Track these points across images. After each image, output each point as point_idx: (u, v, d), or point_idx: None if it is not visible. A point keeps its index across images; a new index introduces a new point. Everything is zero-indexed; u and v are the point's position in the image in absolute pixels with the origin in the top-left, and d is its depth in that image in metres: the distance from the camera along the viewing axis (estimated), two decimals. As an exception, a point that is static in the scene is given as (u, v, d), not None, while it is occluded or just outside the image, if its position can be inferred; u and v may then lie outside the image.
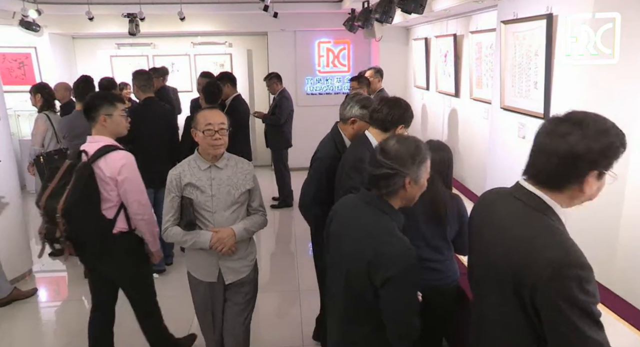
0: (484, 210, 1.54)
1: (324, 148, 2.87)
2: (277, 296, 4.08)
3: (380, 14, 4.46)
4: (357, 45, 7.91)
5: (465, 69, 4.94)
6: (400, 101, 2.52)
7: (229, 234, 2.43)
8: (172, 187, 2.43)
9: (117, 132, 2.69)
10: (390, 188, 1.68)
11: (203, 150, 2.43)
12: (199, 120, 2.37)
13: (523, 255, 1.27)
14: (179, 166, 2.45)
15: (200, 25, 7.45)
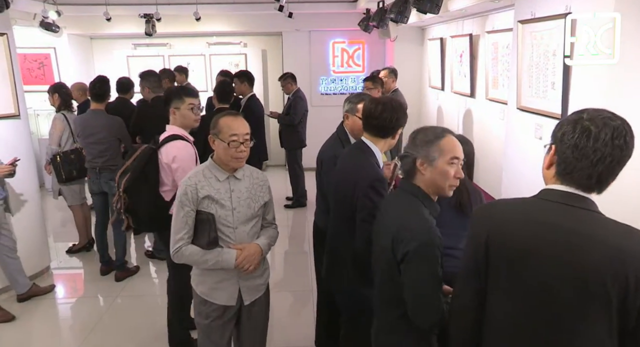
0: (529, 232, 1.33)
1: (328, 146, 2.88)
2: (290, 296, 4.09)
3: (396, 13, 4.44)
4: (372, 46, 7.89)
5: (481, 69, 4.90)
6: (396, 103, 2.35)
7: (255, 250, 2.23)
8: (187, 200, 2.15)
9: (185, 124, 2.98)
10: (405, 168, 1.80)
11: (222, 161, 2.20)
12: (222, 128, 2.15)
13: (616, 261, 1.19)
14: (193, 176, 2.19)
15: (216, 25, 7.50)
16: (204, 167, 2.24)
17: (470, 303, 1.45)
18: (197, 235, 2.19)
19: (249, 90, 5.18)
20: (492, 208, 1.46)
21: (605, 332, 1.21)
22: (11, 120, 4.11)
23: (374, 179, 2.24)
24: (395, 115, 2.28)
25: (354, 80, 7.96)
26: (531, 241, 1.29)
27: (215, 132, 2.17)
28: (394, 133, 2.32)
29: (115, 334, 3.56)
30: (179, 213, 2.17)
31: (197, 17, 6.12)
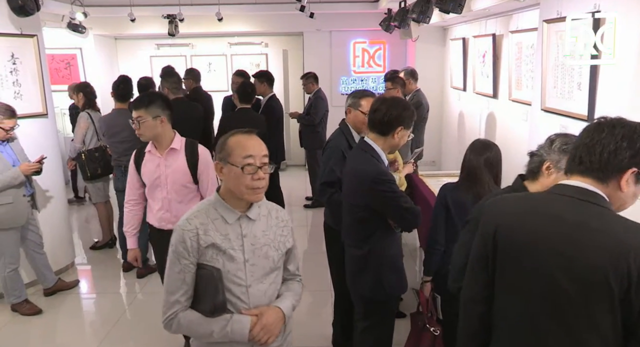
0: (528, 222, 1.35)
1: (334, 139, 2.98)
2: (309, 296, 4.10)
3: (418, 13, 4.41)
4: (393, 46, 7.85)
5: (504, 69, 4.83)
6: (397, 100, 2.37)
7: (276, 317, 1.70)
8: (185, 251, 1.62)
9: None
10: (530, 166, 1.87)
11: (234, 194, 1.67)
12: (233, 149, 1.64)
13: (617, 251, 1.20)
14: (193, 217, 1.65)
15: (237, 25, 7.56)
16: (208, 205, 1.70)
17: (478, 295, 1.47)
18: (198, 297, 1.65)
19: (268, 91, 5.21)
20: (503, 201, 1.48)
21: (609, 326, 1.22)
22: (39, 119, 4.21)
23: (376, 174, 2.26)
24: (392, 111, 2.25)
25: (375, 80, 7.94)
26: (535, 233, 1.32)
27: (224, 156, 1.65)
28: (393, 131, 2.28)
29: (136, 329, 3.62)
30: (173, 267, 1.64)
31: (219, 18, 6.18)
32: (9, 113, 3.46)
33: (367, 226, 2.37)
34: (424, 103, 5.21)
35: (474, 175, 2.44)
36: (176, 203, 2.77)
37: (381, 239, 2.39)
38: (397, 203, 2.27)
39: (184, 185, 2.75)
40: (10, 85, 3.95)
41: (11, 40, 3.94)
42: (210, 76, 7.79)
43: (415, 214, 2.32)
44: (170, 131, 2.75)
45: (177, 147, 2.74)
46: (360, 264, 2.45)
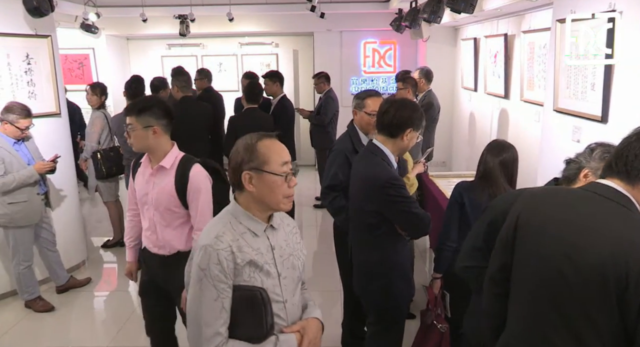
0: (549, 213, 1.39)
1: (339, 142, 2.98)
2: (319, 296, 4.10)
3: (429, 13, 4.40)
4: (404, 46, 7.83)
5: (516, 69, 4.80)
6: (406, 102, 2.36)
7: (317, 329, 1.63)
8: (221, 273, 1.43)
9: None
10: (567, 173, 1.84)
11: (261, 204, 1.53)
12: (268, 156, 1.49)
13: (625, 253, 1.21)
14: (222, 234, 1.47)
15: (248, 25, 7.59)
16: (230, 218, 1.53)
17: (495, 275, 1.54)
18: (238, 323, 1.47)
19: (280, 91, 5.23)
20: (536, 190, 1.55)
21: (605, 324, 1.23)
22: (53, 118, 4.26)
23: (386, 178, 2.22)
24: (401, 113, 2.24)
25: (385, 80, 7.92)
26: (546, 217, 1.37)
27: (258, 165, 1.48)
28: (402, 133, 2.26)
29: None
30: (208, 294, 1.43)
31: (230, 18, 6.21)
32: (24, 113, 3.51)
33: (376, 232, 2.33)
34: (435, 104, 5.19)
35: (489, 175, 2.45)
36: (162, 227, 2.39)
37: (390, 245, 2.36)
38: (407, 209, 2.23)
39: (170, 209, 2.34)
40: (25, 85, 4.01)
41: (26, 41, 3.99)
42: (221, 76, 7.82)
43: (426, 220, 2.29)
44: (165, 144, 2.36)
45: (166, 166, 2.33)
46: (369, 271, 2.43)
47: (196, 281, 1.45)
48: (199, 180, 2.33)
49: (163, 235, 2.39)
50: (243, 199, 1.54)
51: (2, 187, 3.45)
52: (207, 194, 2.35)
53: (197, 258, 1.46)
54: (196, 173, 2.32)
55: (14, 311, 3.85)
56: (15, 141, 3.57)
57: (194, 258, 1.49)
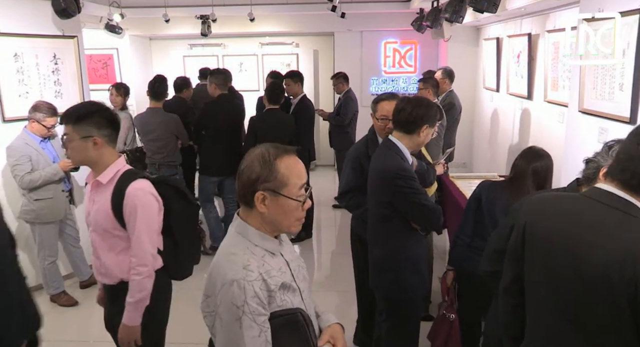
0: (555, 219, 1.39)
1: (354, 146, 3.01)
2: (336, 296, 4.10)
3: (451, 13, 4.36)
4: (425, 46, 7.77)
5: (539, 70, 4.72)
6: (422, 100, 2.43)
7: (342, 333, 1.59)
8: (259, 306, 1.32)
9: None
10: (586, 173, 1.83)
11: (277, 226, 1.43)
12: (288, 177, 1.37)
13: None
14: (247, 263, 1.34)
15: (269, 25, 7.63)
16: (244, 241, 1.40)
17: (509, 286, 1.53)
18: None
19: (301, 91, 5.25)
20: (537, 198, 1.53)
21: (618, 333, 1.21)
22: (77, 117, 4.35)
23: (397, 169, 2.28)
24: (417, 111, 2.30)
25: (406, 81, 7.87)
26: (551, 229, 1.36)
27: (275, 186, 1.36)
28: (418, 129, 2.33)
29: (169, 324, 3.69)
30: (250, 332, 1.30)
31: (251, 18, 6.25)
32: (51, 112, 3.59)
33: (390, 224, 2.39)
34: (456, 104, 5.15)
35: (517, 179, 2.48)
36: (104, 251, 2.09)
37: (403, 238, 2.40)
38: (416, 200, 2.29)
39: (108, 230, 2.05)
40: (52, 84, 4.11)
41: (54, 42, 4.09)
42: (242, 76, 7.87)
43: (436, 212, 2.34)
44: (108, 157, 2.05)
45: (102, 181, 2.03)
46: (381, 264, 2.47)
47: (232, 320, 1.29)
48: (135, 198, 1.99)
49: (104, 261, 2.09)
50: (253, 218, 1.40)
51: (29, 183, 3.54)
52: (145, 216, 2.01)
53: (227, 295, 1.30)
54: (134, 190, 2.00)
55: (40, 305, 3.91)
56: (42, 139, 3.66)
57: (220, 296, 1.32)
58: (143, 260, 2.03)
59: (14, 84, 3.86)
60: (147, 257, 2.04)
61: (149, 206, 2.03)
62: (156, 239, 2.08)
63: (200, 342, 1.82)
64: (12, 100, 3.85)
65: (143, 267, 2.03)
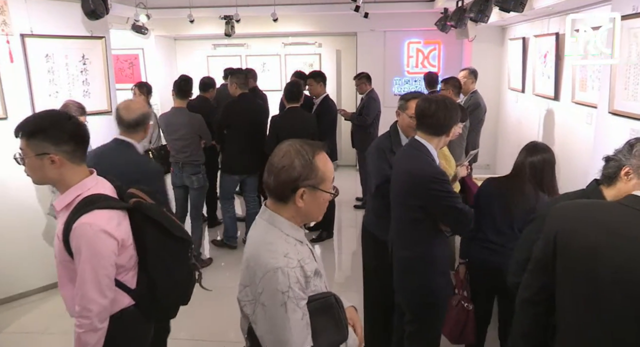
0: (594, 229, 1.34)
1: (376, 141, 2.98)
2: (355, 296, 4.08)
3: (476, 12, 4.31)
4: (449, 46, 7.69)
5: (567, 70, 4.62)
6: (441, 100, 2.36)
7: (357, 316, 1.69)
8: (301, 291, 1.40)
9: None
10: (607, 172, 1.73)
11: (308, 216, 1.53)
12: (325, 174, 1.47)
13: None
14: (286, 251, 1.42)
15: (292, 26, 7.65)
16: (277, 232, 1.47)
17: (535, 296, 1.50)
18: (320, 332, 1.45)
19: (323, 91, 5.26)
20: (567, 207, 1.48)
21: None
22: (104, 116, 4.45)
23: (433, 174, 2.26)
24: (449, 114, 2.30)
25: (429, 81, 7.79)
26: (590, 242, 1.31)
27: (315, 183, 1.44)
28: (448, 131, 2.34)
29: (191, 320, 3.74)
30: (294, 315, 1.38)
31: (275, 18, 6.28)
32: (79, 111, 3.67)
33: (420, 227, 2.36)
34: (481, 104, 5.09)
35: (515, 174, 2.59)
36: (65, 281, 1.84)
37: (431, 241, 2.38)
38: (452, 204, 2.26)
39: (63, 262, 1.80)
40: (80, 84, 4.20)
41: (82, 42, 4.19)
42: (265, 76, 7.92)
43: (469, 216, 2.33)
44: (71, 177, 1.77)
45: (57, 207, 1.80)
46: (409, 267, 2.44)
47: (278, 306, 1.37)
48: (81, 235, 1.69)
49: (63, 292, 1.86)
50: (286, 211, 1.47)
51: (58, 181, 3.61)
52: (91, 257, 1.70)
53: (270, 282, 1.37)
54: (81, 225, 1.69)
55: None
56: (71, 138, 3.74)
57: (262, 284, 1.38)
58: (85, 311, 1.71)
59: (44, 84, 3.97)
60: (91, 308, 1.71)
61: (97, 245, 1.70)
62: (107, 285, 1.75)
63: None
64: (42, 99, 3.95)
65: (84, 319, 1.72)
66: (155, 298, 1.92)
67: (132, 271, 1.89)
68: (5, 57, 3.73)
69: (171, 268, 1.94)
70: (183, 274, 2.03)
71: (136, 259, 1.89)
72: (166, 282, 1.94)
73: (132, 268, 1.88)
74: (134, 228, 1.86)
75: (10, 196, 3.86)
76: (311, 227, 5.42)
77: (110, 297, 1.78)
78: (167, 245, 1.93)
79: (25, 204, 3.96)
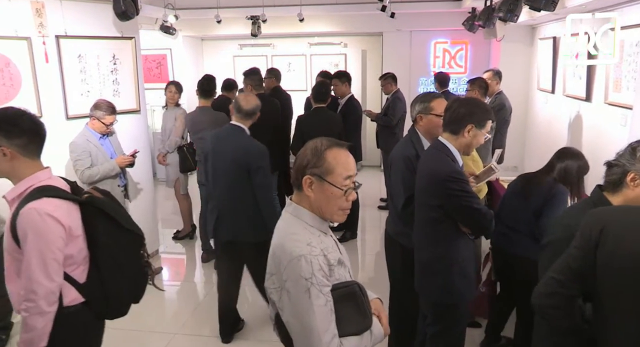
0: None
1: (399, 147, 2.86)
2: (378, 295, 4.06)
3: (505, 12, 4.23)
4: (476, 46, 7.58)
5: (600, 70, 4.49)
6: (471, 100, 2.36)
7: (383, 307, 1.70)
8: (324, 277, 1.44)
9: None
10: (610, 178, 1.71)
11: (322, 212, 1.53)
12: (333, 166, 1.48)
13: None
14: (309, 240, 1.46)
15: (317, 26, 7.66)
16: (300, 223, 1.52)
17: (560, 303, 1.48)
18: (344, 320, 1.48)
19: (349, 91, 5.25)
20: (608, 214, 1.43)
21: None
22: (133, 115, 4.54)
23: (449, 172, 2.22)
24: (461, 109, 2.25)
25: (456, 81, 7.70)
26: (634, 251, 1.26)
27: (321, 172, 1.48)
28: (463, 129, 2.26)
29: (211, 318, 3.78)
30: (317, 301, 1.41)
31: (301, 18, 6.30)
32: (110, 110, 3.75)
33: (439, 227, 2.33)
34: (506, 105, 5.01)
35: (540, 172, 2.79)
36: (11, 275, 1.85)
37: (452, 242, 2.34)
38: (468, 204, 2.23)
39: (11, 253, 1.82)
40: (111, 83, 4.30)
41: (113, 43, 4.28)
42: (290, 76, 7.95)
43: (488, 217, 2.28)
44: (24, 169, 1.83)
45: (8, 197, 1.85)
46: (429, 267, 2.41)
47: (302, 292, 1.41)
48: (28, 219, 1.73)
49: (11, 286, 1.87)
50: (305, 202, 1.53)
51: (88, 178, 3.71)
52: (38, 241, 1.73)
53: (295, 270, 1.41)
54: (28, 210, 1.73)
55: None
56: (101, 136, 3.83)
57: (287, 271, 1.43)
58: (31, 294, 1.73)
59: (77, 84, 4.07)
60: (37, 290, 1.73)
61: (43, 229, 1.73)
62: (54, 269, 1.76)
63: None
64: (75, 99, 4.06)
65: (30, 302, 1.73)
66: (106, 295, 1.93)
67: (82, 266, 1.90)
68: (41, 58, 3.85)
69: (122, 264, 1.95)
70: (134, 270, 2.03)
71: (87, 253, 1.90)
72: (116, 278, 1.95)
73: (82, 262, 1.90)
74: (86, 223, 1.88)
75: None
76: (335, 228, 5.42)
77: (58, 282, 1.78)
78: (119, 240, 1.94)
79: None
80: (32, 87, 3.80)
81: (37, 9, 3.79)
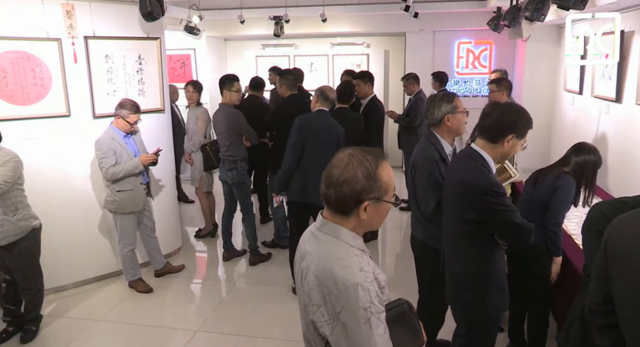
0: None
1: (421, 151, 2.76)
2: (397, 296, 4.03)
3: (532, 11, 4.14)
4: (501, 46, 7.46)
5: (632, 70, 4.36)
6: (513, 106, 2.22)
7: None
8: (380, 304, 1.36)
9: None
10: None
11: (369, 227, 1.47)
12: (388, 185, 1.42)
13: None
14: (360, 264, 1.36)
15: (340, 26, 7.65)
16: (344, 245, 1.40)
17: (597, 307, 1.46)
18: (397, 342, 1.41)
19: (371, 91, 5.23)
20: (622, 221, 1.42)
21: None
22: (157, 114, 4.60)
23: (487, 185, 2.09)
24: (504, 117, 2.11)
25: (479, 82, 7.60)
26: (629, 247, 1.28)
27: (379, 195, 1.39)
28: (503, 138, 2.13)
29: (233, 315, 3.81)
30: (377, 330, 1.33)
31: (323, 19, 6.30)
32: (134, 109, 3.82)
33: (474, 241, 2.22)
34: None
35: (559, 163, 2.85)
36: None
37: (488, 256, 2.24)
38: (509, 218, 2.10)
39: None
40: (136, 83, 4.37)
41: (139, 43, 4.35)
42: (312, 76, 7.96)
43: (529, 231, 2.15)
44: None
45: None
46: (464, 282, 2.32)
47: (362, 323, 1.30)
48: None
49: None
50: (348, 223, 1.41)
51: (112, 176, 3.78)
52: None
53: (351, 300, 1.30)
54: None
55: (119, 289, 4.22)
56: (125, 134, 3.90)
57: (341, 301, 1.31)
58: None
59: (104, 83, 4.15)
60: None
61: None
62: None
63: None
64: (101, 98, 4.14)
65: None
66: None
67: None
68: (70, 58, 3.94)
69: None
70: None
71: None
72: None
73: None
74: None
75: (71, 189, 4.07)
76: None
77: None
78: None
79: (83, 198, 4.16)
80: (61, 87, 3.89)
81: (68, 11, 3.88)
